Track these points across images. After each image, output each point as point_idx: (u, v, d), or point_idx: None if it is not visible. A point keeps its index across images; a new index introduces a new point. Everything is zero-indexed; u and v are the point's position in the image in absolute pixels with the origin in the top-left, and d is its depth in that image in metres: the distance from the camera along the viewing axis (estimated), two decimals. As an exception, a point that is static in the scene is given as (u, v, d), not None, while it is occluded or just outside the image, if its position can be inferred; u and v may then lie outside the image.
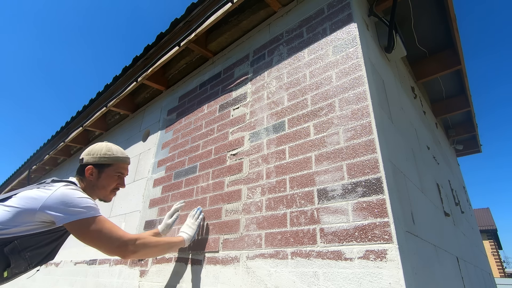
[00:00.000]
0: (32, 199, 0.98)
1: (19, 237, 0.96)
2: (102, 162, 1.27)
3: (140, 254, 1.15)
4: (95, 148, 1.29)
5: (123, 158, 1.33)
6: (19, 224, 0.95)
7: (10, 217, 0.94)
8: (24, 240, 0.98)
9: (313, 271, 1.06)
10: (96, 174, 1.26)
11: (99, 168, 1.26)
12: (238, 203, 1.48)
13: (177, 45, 2.15)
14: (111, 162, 1.29)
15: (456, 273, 1.79)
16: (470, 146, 4.24)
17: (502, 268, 16.64)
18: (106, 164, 1.28)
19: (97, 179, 1.26)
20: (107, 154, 1.29)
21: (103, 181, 1.27)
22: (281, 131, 1.46)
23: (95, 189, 1.26)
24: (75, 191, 1.07)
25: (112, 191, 1.31)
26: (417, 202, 1.42)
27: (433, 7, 2.13)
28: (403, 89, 2.07)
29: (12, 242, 0.95)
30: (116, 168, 1.31)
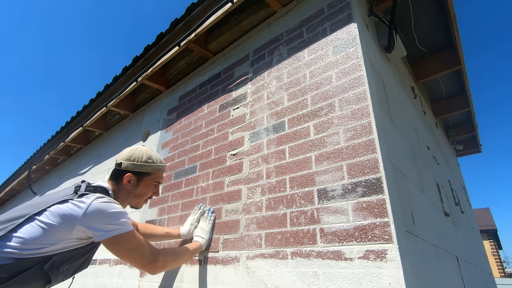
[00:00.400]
0: (67, 217, 0.94)
1: (58, 254, 0.95)
2: (143, 170, 1.21)
3: (167, 268, 1.16)
4: (135, 153, 1.22)
5: (162, 166, 1.28)
6: (56, 242, 0.93)
7: (46, 235, 0.91)
8: (62, 255, 0.96)
9: (313, 271, 1.06)
10: (135, 182, 1.20)
11: (138, 176, 1.21)
12: (238, 203, 1.48)
13: (177, 45, 2.15)
14: (152, 171, 1.23)
15: (456, 273, 1.79)
16: (470, 146, 4.24)
17: (502, 268, 16.64)
18: (146, 173, 1.22)
19: (135, 187, 1.21)
20: (148, 162, 1.23)
21: (140, 190, 1.22)
22: (281, 131, 1.46)
23: (131, 197, 1.21)
24: (109, 205, 1.02)
25: (146, 200, 1.28)
26: (417, 202, 1.42)
27: (433, 7, 2.13)
28: (403, 89, 2.07)
29: (51, 258, 0.93)
30: (155, 177, 1.26)
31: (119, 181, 1.19)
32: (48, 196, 1.03)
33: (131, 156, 1.21)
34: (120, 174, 1.19)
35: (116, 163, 1.22)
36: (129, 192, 1.20)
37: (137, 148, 1.25)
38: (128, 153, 1.22)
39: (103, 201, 1.01)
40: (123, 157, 1.21)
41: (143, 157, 1.22)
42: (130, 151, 1.23)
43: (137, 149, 1.24)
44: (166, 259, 1.14)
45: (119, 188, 1.19)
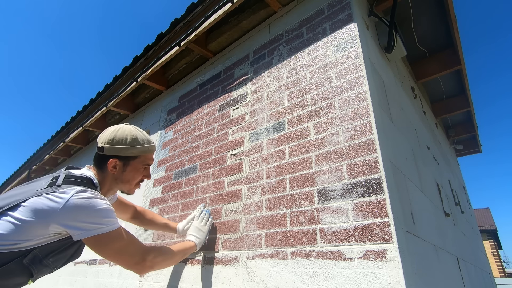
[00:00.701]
0: (43, 212, 0.85)
1: (38, 247, 0.87)
2: (128, 154, 1.08)
3: (155, 268, 1.07)
4: (117, 134, 1.07)
5: (150, 147, 1.14)
6: (32, 238, 0.85)
7: (21, 231, 0.83)
8: (44, 247, 0.89)
9: (313, 271, 1.06)
10: (121, 168, 1.08)
11: (124, 160, 1.08)
12: (238, 203, 1.48)
13: (177, 45, 2.15)
14: (139, 154, 1.10)
15: (456, 273, 1.79)
16: (470, 146, 4.24)
17: (502, 268, 16.64)
18: (132, 156, 1.09)
19: (121, 173, 1.09)
20: (134, 144, 1.08)
21: (128, 174, 1.10)
22: (281, 131, 1.46)
23: (119, 183, 1.10)
24: (90, 201, 0.91)
25: (137, 184, 1.16)
26: (417, 202, 1.42)
27: (433, 7, 2.13)
28: (403, 89, 2.07)
29: (31, 251, 0.86)
30: (144, 160, 1.13)
31: (103, 167, 1.06)
32: (25, 186, 0.93)
33: (113, 138, 1.06)
34: (103, 159, 1.06)
35: (97, 148, 1.07)
36: (116, 178, 1.08)
37: (119, 128, 1.09)
38: (110, 134, 1.07)
39: (83, 197, 0.89)
40: (104, 139, 1.06)
41: (128, 139, 1.07)
42: (112, 132, 1.07)
43: (119, 129, 1.08)
44: (155, 260, 1.05)
45: (104, 175, 1.07)
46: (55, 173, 0.98)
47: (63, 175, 0.95)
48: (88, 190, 0.93)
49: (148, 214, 1.54)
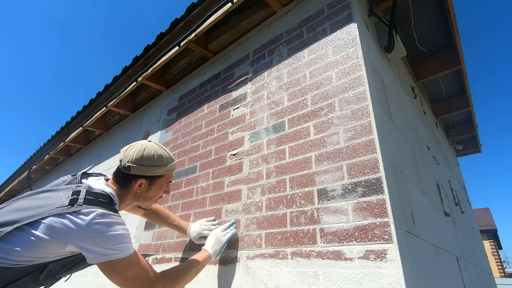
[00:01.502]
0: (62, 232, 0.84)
1: (54, 261, 0.88)
2: (155, 174, 1.09)
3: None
4: (144, 154, 1.06)
5: (174, 165, 1.17)
6: (48, 256, 0.86)
7: (38, 249, 0.83)
8: (59, 262, 0.90)
9: (313, 271, 1.06)
10: (146, 186, 1.09)
11: (150, 180, 1.09)
12: (238, 203, 1.48)
13: (177, 45, 2.15)
14: (165, 173, 1.12)
15: (456, 273, 1.79)
16: (470, 146, 4.24)
17: (502, 268, 16.64)
18: (158, 176, 1.10)
19: (146, 191, 1.10)
20: (161, 164, 1.09)
21: (152, 193, 1.12)
22: (281, 131, 1.46)
23: (141, 200, 1.12)
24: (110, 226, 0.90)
25: (156, 200, 1.18)
26: (417, 202, 1.42)
27: (433, 7, 2.13)
28: (403, 89, 2.07)
29: (47, 267, 0.87)
30: (168, 178, 1.15)
31: (127, 186, 1.07)
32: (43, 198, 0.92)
33: (140, 158, 1.05)
34: (129, 178, 1.06)
35: (122, 166, 1.06)
36: (139, 196, 1.10)
37: (145, 148, 1.08)
38: (136, 153, 1.06)
39: (102, 222, 0.89)
40: (130, 158, 1.05)
41: (155, 158, 1.08)
42: (138, 151, 1.06)
43: (145, 149, 1.07)
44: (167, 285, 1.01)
45: (126, 193, 1.07)
46: (74, 185, 0.97)
47: (84, 192, 0.93)
48: (108, 213, 0.93)
49: (162, 212, 1.51)
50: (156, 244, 1.86)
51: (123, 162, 1.06)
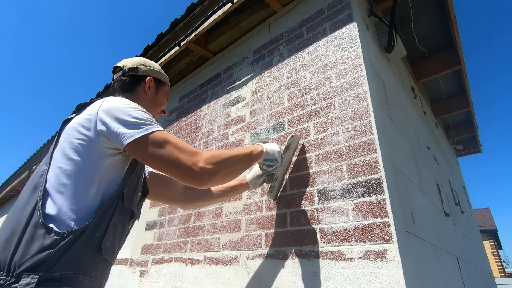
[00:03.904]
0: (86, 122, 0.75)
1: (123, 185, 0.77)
2: (161, 78, 1.05)
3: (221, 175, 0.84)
4: (147, 61, 1.05)
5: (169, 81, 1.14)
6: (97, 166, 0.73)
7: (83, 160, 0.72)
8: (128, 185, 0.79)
9: (313, 271, 1.06)
10: (154, 89, 1.03)
11: (157, 83, 1.04)
12: (238, 203, 1.48)
13: (177, 45, 2.15)
14: (167, 81, 1.09)
15: (456, 273, 1.79)
16: (470, 146, 4.24)
17: (502, 268, 16.64)
18: (162, 81, 1.07)
19: (154, 95, 1.03)
20: (161, 71, 1.08)
21: (159, 98, 1.05)
22: (281, 131, 1.46)
23: (151, 105, 1.02)
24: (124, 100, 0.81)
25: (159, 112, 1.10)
26: (417, 202, 1.42)
27: (433, 7, 2.13)
28: (403, 89, 2.07)
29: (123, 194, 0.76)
30: (167, 90, 1.10)
31: (136, 89, 0.98)
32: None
33: (144, 62, 1.03)
34: (137, 80, 0.99)
35: (128, 68, 0.99)
36: (149, 100, 1.01)
37: (140, 57, 1.08)
38: (138, 60, 1.03)
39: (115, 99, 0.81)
40: (134, 62, 1.01)
41: (156, 65, 1.07)
42: (138, 59, 1.04)
43: (142, 58, 1.06)
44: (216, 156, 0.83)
45: (135, 97, 0.97)
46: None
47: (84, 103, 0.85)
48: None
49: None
50: (157, 245, 1.86)
51: (127, 66, 0.99)
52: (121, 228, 0.78)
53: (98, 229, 0.69)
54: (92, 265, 0.68)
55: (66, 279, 0.62)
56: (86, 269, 0.66)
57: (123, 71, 0.99)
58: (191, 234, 1.65)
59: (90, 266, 0.67)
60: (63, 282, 0.61)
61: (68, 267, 0.63)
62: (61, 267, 0.62)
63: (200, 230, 1.61)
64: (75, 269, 0.64)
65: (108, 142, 0.75)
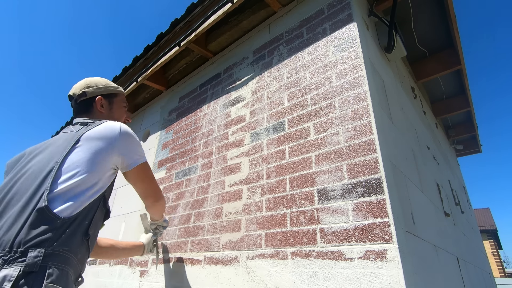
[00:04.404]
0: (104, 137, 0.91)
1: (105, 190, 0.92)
2: (110, 92, 1.12)
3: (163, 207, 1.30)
4: (91, 80, 1.11)
5: (120, 88, 1.21)
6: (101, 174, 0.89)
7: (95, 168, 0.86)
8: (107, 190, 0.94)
9: (313, 271, 1.06)
10: (107, 105, 1.11)
11: (108, 99, 1.12)
12: (238, 203, 1.48)
13: (177, 45, 2.15)
14: (117, 92, 1.15)
15: (456, 273, 1.79)
16: (470, 146, 4.24)
17: (502, 268, 16.63)
18: (113, 94, 1.14)
19: (110, 110, 1.11)
20: (110, 84, 1.14)
21: (115, 112, 1.14)
22: (281, 131, 1.47)
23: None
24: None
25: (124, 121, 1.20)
26: (417, 202, 1.42)
27: (433, 7, 2.13)
28: (403, 89, 2.07)
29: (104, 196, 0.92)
30: (122, 99, 1.18)
31: (90, 111, 1.07)
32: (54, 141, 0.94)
33: (89, 83, 1.09)
34: (88, 104, 1.07)
35: (77, 97, 1.07)
36: (106, 117, 1.09)
37: (87, 78, 1.13)
38: (83, 82, 1.10)
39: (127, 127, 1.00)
40: (80, 87, 1.08)
41: (100, 80, 1.13)
42: (83, 81, 1.10)
43: (87, 79, 1.12)
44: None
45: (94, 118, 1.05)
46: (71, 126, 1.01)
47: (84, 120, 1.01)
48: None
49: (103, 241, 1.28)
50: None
51: (76, 93, 1.07)
52: (99, 221, 0.93)
53: (86, 218, 0.83)
54: (79, 247, 0.81)
55: (63, 256, 0.75)
56: (76, 249, 0.79)
57: (74, 99, 1.08)
58: (191, 234, 1.65)
59: (78, 248, 0.80)
60: (61, 258, 0.74)
61: (65, 245, 0.76)
62: (60, 244, 0.74)
63: (200, 230, 1.61)
64: (69, 247, 0.77)
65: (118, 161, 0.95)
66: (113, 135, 0.93)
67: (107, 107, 1.11)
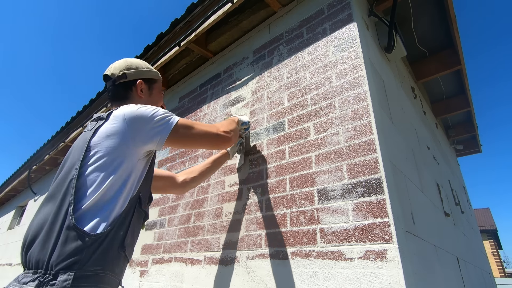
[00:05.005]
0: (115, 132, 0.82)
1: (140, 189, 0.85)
2: (151, 77, 1.06)
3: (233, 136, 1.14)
4: (132, 62, 1.04)
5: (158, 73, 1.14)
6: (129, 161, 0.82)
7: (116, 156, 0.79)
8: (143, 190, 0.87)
9: (313, 271, 1.06)
10: (147, 91, 1.04)
11: (148, 83, 1.05)
12: (238, 203, 1.48)
13: (177, 45, 2.15)
14: (158, 78, 1.09)
15: (456, 273, 1.79)
16: (470, 146, 4.24)
17: (502, 268, 16.63)
18: (153, 80, 1.07)
19: (149, 96, 1.05)
20: (150, 68, 1.08)
21: (155, 97, 1.07)
22: (281, 131, 1.47)
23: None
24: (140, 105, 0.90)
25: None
26: (417, 202, 1.42)
27: (433, 7, 2.13)
28: (403, 89, 2.07)
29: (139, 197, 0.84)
30: (160, 85, 1.12)
31: (130, 95, 1.01)
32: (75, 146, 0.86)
33: (130, 65, 1.02)
34: (128, 86, 1.01)
35: (117, 78, 1.00)
36: (145, 102, 1.02)
37: (127, 59, 1.06)
38: (124, 63, 1.03)
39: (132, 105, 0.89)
40: (120, 68, 1.01)
41: (141, 63, 1.06)
42: (123, 61, 1.04)
43: (129, 59, 1.06)
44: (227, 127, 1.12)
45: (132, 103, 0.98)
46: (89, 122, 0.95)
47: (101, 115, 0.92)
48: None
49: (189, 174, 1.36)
50: (157, 245, 1.86)
51: (115, 74, 1.00)
52: (137, 227, 0.86)
53: (120, 229, 0.76)
54: (116, 261, 0.75)
55: (96, 276, 0.70)
56: (111, 265, 0.74)
57: (113, 80, 1.01)
58: (191, 234, 1.65)
59: (114, 262, 0.75)
60: (94, 278, 0.69)
61: (98, 264, 0.70)
62: (92, 265, 0.69)
63: (200, 230, 1.61)
64: (103, 265, 0.71)
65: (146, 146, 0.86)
66: (119, 126, 0.83)
67: (146, 92, 1.04)
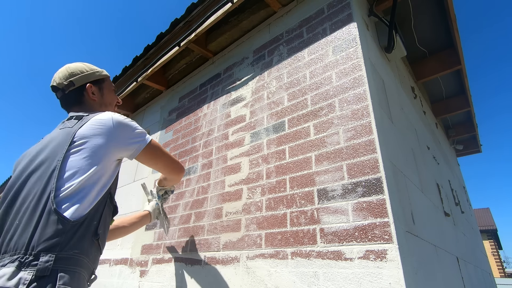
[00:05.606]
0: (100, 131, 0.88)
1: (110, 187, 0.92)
2: (97, 78, 1.08)
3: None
4: (76, 68, 1.04)
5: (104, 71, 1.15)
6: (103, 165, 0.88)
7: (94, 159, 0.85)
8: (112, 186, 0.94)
9: (313, 271, 1.06)
10: (98, 92, 1.07)
11: (98, 85, 1.08)
12: (238, 203, 1.48)
13: (177, 45, 2.15)
14: (104, 76, 1.11)
15: (456, 273, 1.79)
16: (470, 146, 4.24)
17: (502, 268, 16.63)
18: (101, 80, 1.10)
19: (101, 97, 1.08)
20: (94, 69, 1.09)
21: (107, 97, 1.11)
22: (281, 131, 1.47)
23: (104, 108, 1.09)
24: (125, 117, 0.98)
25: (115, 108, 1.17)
26: (417, 202, 1.42)
27: (433, 7, 2.13)
28: (403, 89, 2.07)
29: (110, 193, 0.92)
30: (110, 82, 1.15)
31: (83, 100, 1.03)
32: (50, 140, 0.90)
33: (73, 72, 1.03)
34: (79, 93, 1.03)
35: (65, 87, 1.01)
36: (99, 104, 1.07)
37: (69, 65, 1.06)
38: (66, 70, 1.03)
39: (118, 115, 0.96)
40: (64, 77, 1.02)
41: (85, 67, 1.07)
42: (65, 69, 1.04)
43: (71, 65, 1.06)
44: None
45: (87, 107, 1.04)
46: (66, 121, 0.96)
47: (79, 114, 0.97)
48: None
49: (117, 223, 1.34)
50: (157, 245, 1.86)
51: (62, 83, 1.02)
52: (108, 219, 0.93)
53: (94, 218, 0.84)
54: (90, 248, 0.82)
55: (74, 258, 0.76)
56: (87, 250, 0.80)
57: (62, 90, 1.02)
58: (191, 234, 1.65)
59: (89, 249, 0.82)
60: (73, 260, 0.75)
61: (76, 248, 0.77)
62: (71, 248, 0.76)
63: (200, 230, 1.61)
64: (80, 249, 0.78)
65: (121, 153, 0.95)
66: (108, 129, 0.90)
67: (98, 93, 1.07)
